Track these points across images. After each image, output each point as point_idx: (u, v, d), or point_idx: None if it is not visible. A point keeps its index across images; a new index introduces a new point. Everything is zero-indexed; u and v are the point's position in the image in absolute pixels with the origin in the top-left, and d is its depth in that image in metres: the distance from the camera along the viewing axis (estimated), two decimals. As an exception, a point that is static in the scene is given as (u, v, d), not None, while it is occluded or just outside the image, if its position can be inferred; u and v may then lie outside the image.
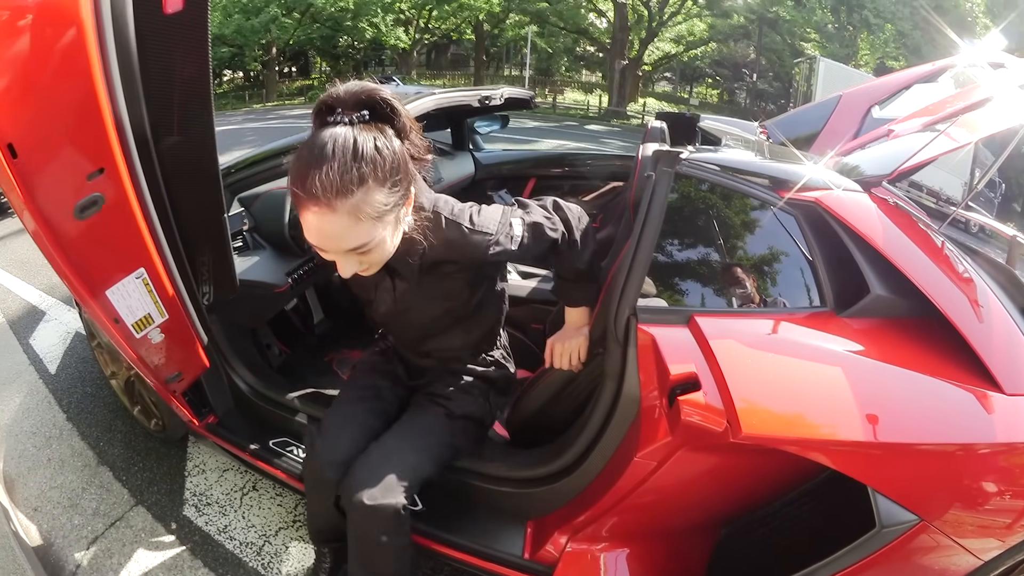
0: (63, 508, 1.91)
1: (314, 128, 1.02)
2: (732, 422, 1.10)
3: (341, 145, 0.95)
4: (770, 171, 1.44)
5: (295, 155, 1.00)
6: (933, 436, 1.11)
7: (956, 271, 1.31)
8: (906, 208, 1.56)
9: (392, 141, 1.02)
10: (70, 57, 1.03)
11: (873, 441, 1.09)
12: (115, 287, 1.23)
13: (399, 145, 1.03)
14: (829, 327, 1.23)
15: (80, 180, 1.10)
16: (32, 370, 2.70)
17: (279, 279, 1.86)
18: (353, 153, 0.95)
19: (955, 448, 1.11)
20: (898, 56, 17.16)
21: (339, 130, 0.97)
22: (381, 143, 0.99)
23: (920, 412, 1.13)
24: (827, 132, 2.08)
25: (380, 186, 0.98)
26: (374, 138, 0.98)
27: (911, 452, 1.11)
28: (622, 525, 1.42)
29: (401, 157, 1.02)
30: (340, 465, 1.30)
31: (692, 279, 1.39)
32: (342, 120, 0.98)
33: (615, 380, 1.29)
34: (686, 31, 23.81)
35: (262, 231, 1.94)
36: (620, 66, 22.22)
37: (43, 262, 3.89)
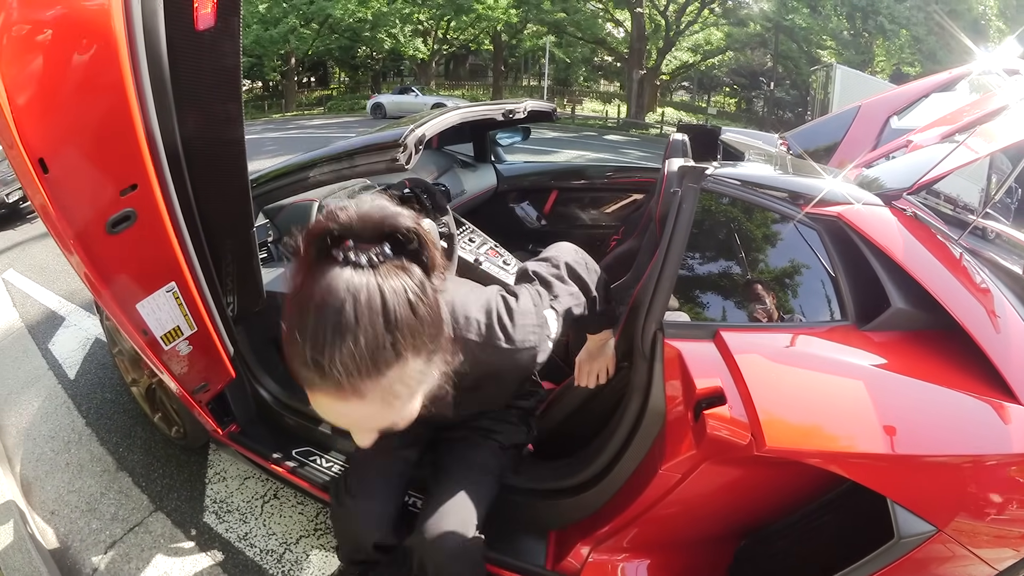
0: (81, 512, 1.93)
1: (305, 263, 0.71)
2: (756, 435, 1.11)
3: (365, 306, 0.66)
4: (793, 186, 1.45)
5: (292, 311, 0.70)
6: (950, 447, 1.12)
7: (974, 283, 1.31)
8: (925, 219, 1.57)
9: (425, 286, 0.73)
10: (103, 72, 1.04)
11: (892, 453, 1.10)
12: (145, 300, 1.24)
13: (431, 289, 0.74)
14: (850, 341, 1.24)
15: (113, 195, 1.11)
16: (51, 375, 2.73)
17: None
18: (384, 318, 0.67)
19: (972, 459, 1.11)
20: (914, 62, 17.21)
21: (357, 280, 0.67)
22: (414, 295, 0.70)
23: (938, 424, 1.14)
24: (847, 143, 2.08)
25: (417, 355, 0.73)
26: (405, 289, 0.70)
27: (929, 463, 1.11)
28: (644, 536, 1.42)
29: (436, 306, 0.75)
30: (378, 521, 1.30)
31: (716, 294, 1.40)
32: (357, 260, 0.68)
33: (641, 394, 1.30)
34: (703, 40, 23.85)
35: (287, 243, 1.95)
36: (638, 76, 22.29)
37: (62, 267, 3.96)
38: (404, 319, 0.68)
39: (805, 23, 18.89)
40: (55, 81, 1.02)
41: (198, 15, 1.13)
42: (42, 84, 1.01)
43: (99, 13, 1.01)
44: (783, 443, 1.10)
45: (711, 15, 22.24)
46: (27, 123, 1.00)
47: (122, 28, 1.03)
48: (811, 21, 18.84)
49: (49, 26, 1.00)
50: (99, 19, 1.01)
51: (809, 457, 1.12)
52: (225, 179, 1.30)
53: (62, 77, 1.02)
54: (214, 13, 1.14)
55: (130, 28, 1.04)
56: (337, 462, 1.74)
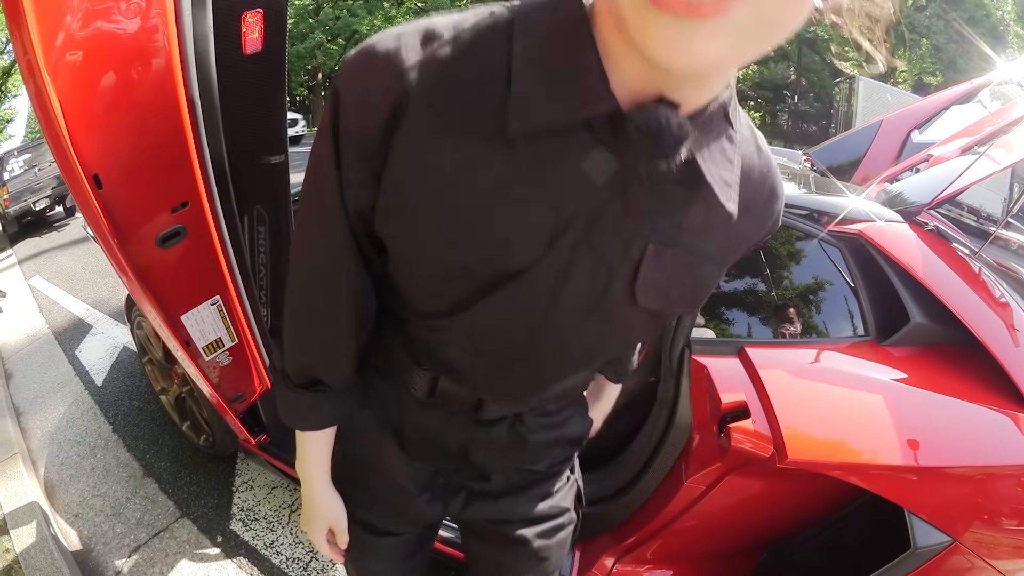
0: (105, 516, 1.97)
1: None
2: (779, 448, 1.14)
3: None
4: (815, 204, 1.48)
5: None
6: (967, 459, 1.15)
7: (993, 297, 1.35)
8: (947, 232, 1.60)
9: None
10: (157, 94, 1.10)
11: (911, 465, 1.13)
12: (190, 312, 1.29)
13: None
14: (871, 356, 1.29)
15: (164, 212, 1.17)
16: (78, 381, 2.79)
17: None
18: None
19: (989, 470, 1.15)
20: (935, 71, 17.34)
21: None
22: None
23: (955, 435, 1.18)
24: (870, 158, 2.13)
25: None
26: None
27: (946, 475, 1.15)
28: (667, 548, 1.45)
29: None
30: None
31: (741, 310, 1.44)
32: None
33: (668, 408, 1.33)
34: None
35: None
36: None
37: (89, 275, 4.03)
38: None
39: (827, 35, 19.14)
40: (110, 100, 1.08)
41: (246, 40, 1.19)
42: (97, 103, 1.07)
43: (154, 36, 1.07)
44: (804, 456, 1.14)
45: None
46: (82, 140, 1.05)
47: (176, 51, 1.08)
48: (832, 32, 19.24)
49: (104, 47, 1.05)
50: (154, 42, 1.07)
51: (830, 469, 1.16)
52: (270, 195, 1.36)
53: (117, 97, 1.08)
54: (261, 39, 1.20)
55: (183, 51, 1.10)
56: None
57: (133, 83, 1.08)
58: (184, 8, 1.09)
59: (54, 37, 0.98)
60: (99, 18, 1.02)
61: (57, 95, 1.00)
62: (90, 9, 1.01)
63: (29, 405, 2.63)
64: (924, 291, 1.29)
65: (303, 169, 0.61)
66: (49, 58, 0.98)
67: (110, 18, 1.04)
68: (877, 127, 2.25)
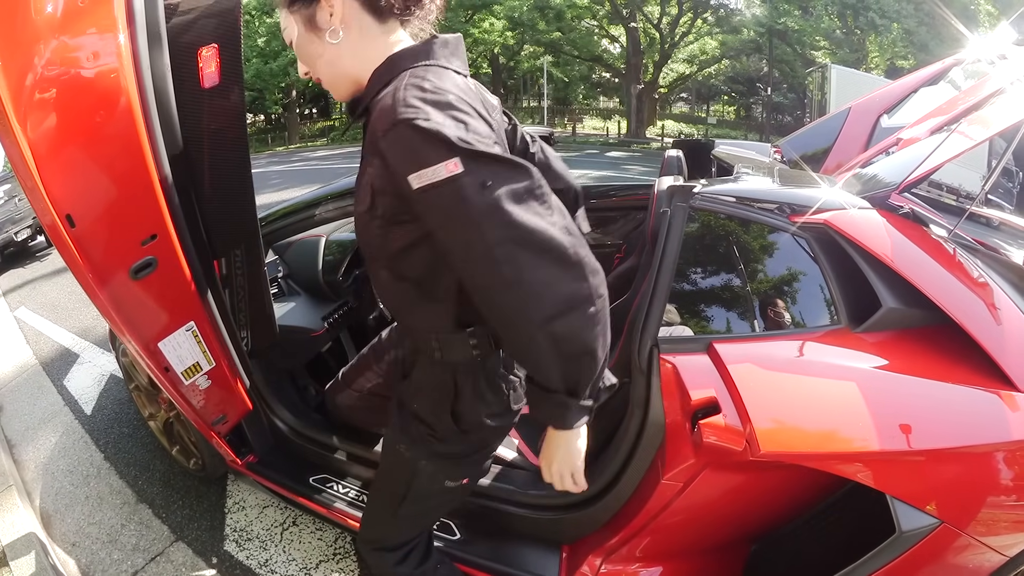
0: (102, 543, 2.08)
1: None
2: (751, 441, 1.22)
3: None
4: (781, 197, 1.55)
5: None
6: (949, 440, 1.21)
7: (967, 276, 1.41)
8: (922, 215, 1.66)
9: None
10: (120, 132, 1.20)
11: (888, 450, 1.19)
12: (167, 339, 1.40)
13: None
14: (844, 343, 1.35)
15: (135, 245, 1.27)
16: (67, 411, 2.91)
17: (315, 323, 2.03)
18: None
19: (972, 450, 1.20)
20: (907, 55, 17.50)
21: None
22: None
23: (934, 418, 1.24)
24: (839, 146, 2.19)
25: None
26: None
27: (927, 457, 1.21)
28: (654, 545, 1.53)
29: None
30: None
31: (711, 306, 1.52)
32: None
33: (641, 408, 1.41)
34: (698, 50, 24.67)
35: (296, 278, 2.12)
36: (636, 90, 22.91)
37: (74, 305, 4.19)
38: None
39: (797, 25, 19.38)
40: (76, 142, 1.17)
41: (203, 74, 1.30)
42: (65, 146, 1.16)
43: (113, 77, 1.16)
44: (777, 447, 1.21)
45: (704, 25, 22.97)
46: (54, 183, 1.15)
47: (135, 90, 1.18)
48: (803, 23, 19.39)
49: (68, 92, 1.15)
50: (115, 84, 1.17)
51: (804, 460, 1.23)
52: (236, 224, 1.47)
53: (82, 138, 1.18)
54: (218, 72, 1.30)
55: (142, 90, 1.20)
56: (353, 487, 1.87)
57: (98, 125, 1.18)
58: (141, 50, 1.19)
59: (22, 86, 1.08)
60: (64, 65, 1.12)
61: (27, 142, 1.10)
62: (55, 57, 1.11)
63: (21, 437, 2.76)
64: (894, 276, 1.34)
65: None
66: (18, 107, 1.07)
67: (74, 64, 1.13)
68: (846, 114, 2.32)
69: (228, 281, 1.53)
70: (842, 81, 12.77)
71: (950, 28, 14.70)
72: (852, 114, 2.31)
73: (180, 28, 1.27)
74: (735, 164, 1.95)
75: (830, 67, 13.87)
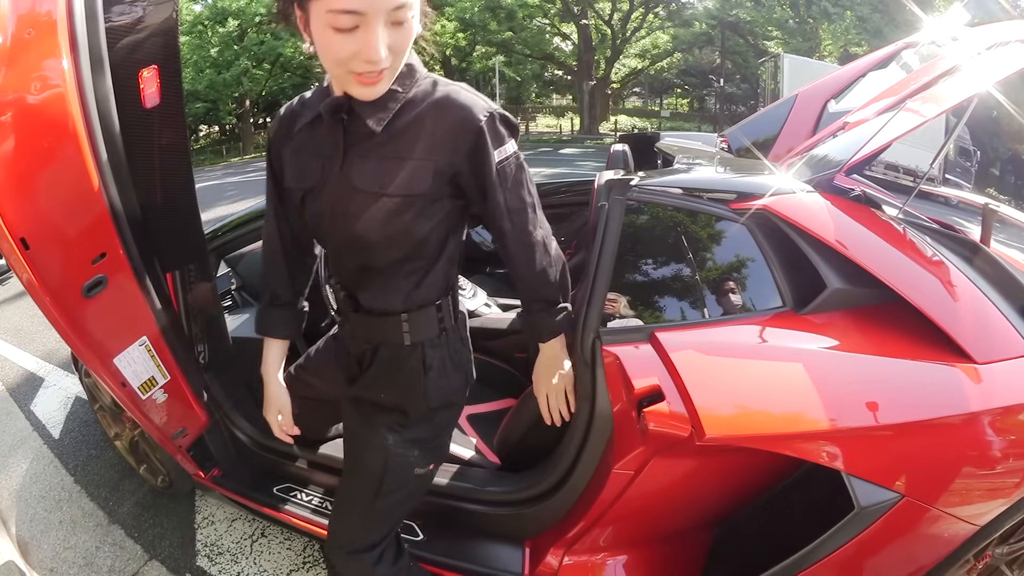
0: (79, 567, 2.09)
1: None
2: (696, 427, 1.24)
3: None
4: (720, 185, 1.60)
5: None
6: (902, 415, 1.24)
7: (916, 252, 1.44)
8: (874, 195, 1.68)
9: None
10: (66, 154, 1.25)
11: (839, 428, 1.22)
12: (121, 355, 1.44)
13: None
14: (790, 325, 1.39)
15: (85, 264, 1.31)
16: (36, 436, 2.91)
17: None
18: None
19: (930, 423, 1.23)
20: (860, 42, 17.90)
21: None
22: None
23: (885, 393, 1.26)
24: (786, 132, 2.21)
25: None
26: None
27: (881, 432, 1.24)
28: (616, 534, 1.58)
29: None
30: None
31: (655, 296, 1.56)
32: None
33: (588, 400, 1.44)
34: (650, 45, 25.24)
35: (249, 289, 2.16)
36: (588, 87, 23.54)
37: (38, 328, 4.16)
38: None
39: (749, 16, 20.04)
40: (27, 167, 1.22)
41: (144, 95, 1.35)
42: (16, 170, 1.20)
43: (57, 101, 1.21)
44: (723, 431, 1.24)
45: (656, 19, 23.53)
46: (7, 208, 1.19)
47: (78, 114, 1.23)
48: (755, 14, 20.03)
49: (19, 119, 1.19)
50: (60, 108, 1.21)
51: (753, 442, 1.26)
52: (182, 237, 1.52)
53: (32, 163, 1.22)
54: (159, 92, 1.36)
55: (86, 112, 1.25)
56: (316, 494, 1.91)
57: (47, 150, 1.23)
58: (85, 75, 1.24)
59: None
60: (14, 92, 1.17)
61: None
62: (5, 85, 1.15)
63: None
64: (838, 256, 1.37)
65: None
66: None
67: (24, 91, 1.18)
68: (792, 101, 2.34)
69: (179, 295, 1.58)
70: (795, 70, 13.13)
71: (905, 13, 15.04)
72: (799, 100, 2.34)
73: (121, 51, 1.32)
74: (676, 155, 2.00)
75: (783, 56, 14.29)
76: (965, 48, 1.79)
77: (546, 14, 23.85)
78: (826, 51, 19.60)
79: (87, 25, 1.24)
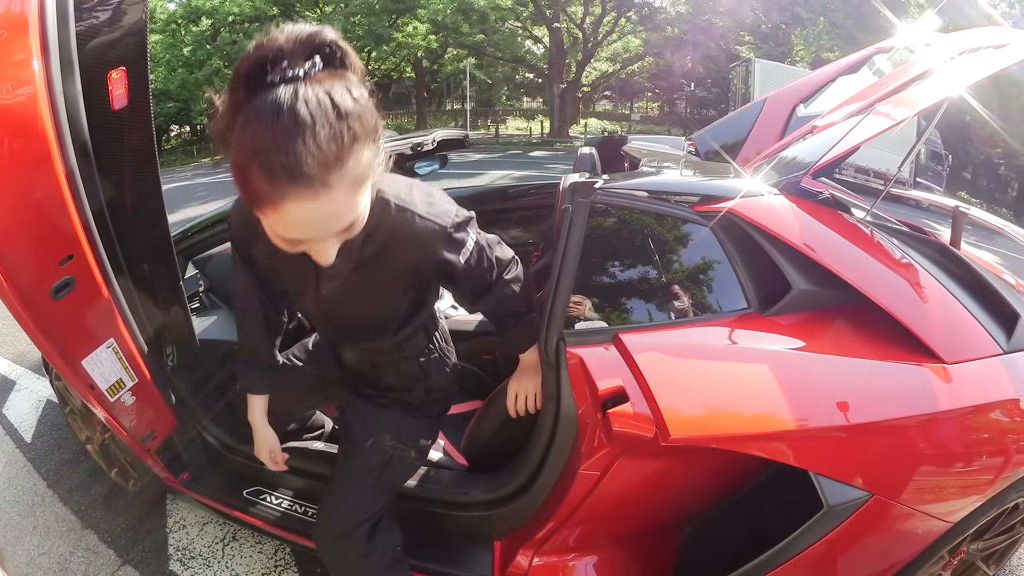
0: (53, 574, 2.08)
1: (245, 95, 0.83)
2: (660, 428, 1.26)
3: (316, 105, 0.80)
4: (684, 188, 1.63)
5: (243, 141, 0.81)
6: (867, 415, 1.27)
7: (883, 255, 1.47)
8: (842, 198, 1.71)
9: (361, 88, 0.88)
10: (34, 158, 1.25)
11: (805, 428, 1.25)
12: (89, 357, 1.45)
13: (366, 92, 0.90)
14: (754, 327, 1.41)
15: (53, 266, 1.32)
16: (8, 440, 2.88)
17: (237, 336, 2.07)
18: (335, 111, 0.81)
19: (898, 422, 1.26)
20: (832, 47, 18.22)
21: (301, 89, 0.80)
22: (354, 89, 0.86)
23: (851, 393, 1.29)
24: (753, 137, 2.23)
25: (366, 142, 0.87)
26: (344, 87, 0.85)
27: (848, 432, 1.26)
28: (584, 534, 1.59)
29: (368, 99, 0.89)
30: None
31: (619, 298, 1.58)
32: (296, 75, 0.81)
33: (553, 401, 1.46)
34: (621, 48, 25.73)
35: (217, 291, 2.17)
36: (559, 90, 23.76)
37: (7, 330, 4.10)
38: (351, 109, 0.83)
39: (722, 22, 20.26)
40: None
41: (113, 97, 1.36)
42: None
43: (27, 104, 1.22)
44: (687, 432, 1.26)
45: (627, 23, 23.78)
46: None
47: (47, 115, 1.24)
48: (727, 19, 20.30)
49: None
50: (27, 109, 1.22)
51: (718, 443, 1.28)
52: (149, 239, 1.53)
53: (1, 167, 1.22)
54: (127, 93, 1.37)
55: (55, 115, 1.26)
56: (286, 498, 1.92)
57: (15, 152, 1.23)
58: (54, 77, 1.25)
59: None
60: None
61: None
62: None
63: (-36, 470, 2.73)
64: (803, 258, 1.40)
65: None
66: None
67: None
68: (761, 105, 2.36)
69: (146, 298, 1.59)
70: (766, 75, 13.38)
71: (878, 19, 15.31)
72: (767, 105, 2.36)
73: (90, 53, 1.33)
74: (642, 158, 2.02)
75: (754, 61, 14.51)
76: (937, 53, 1.83)
77: (518, 17, 24.03)
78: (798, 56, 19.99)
79: (58, 26, 1.25)
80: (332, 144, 0.80)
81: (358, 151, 0.85)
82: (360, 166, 0.87)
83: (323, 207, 0.84)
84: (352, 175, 0.86)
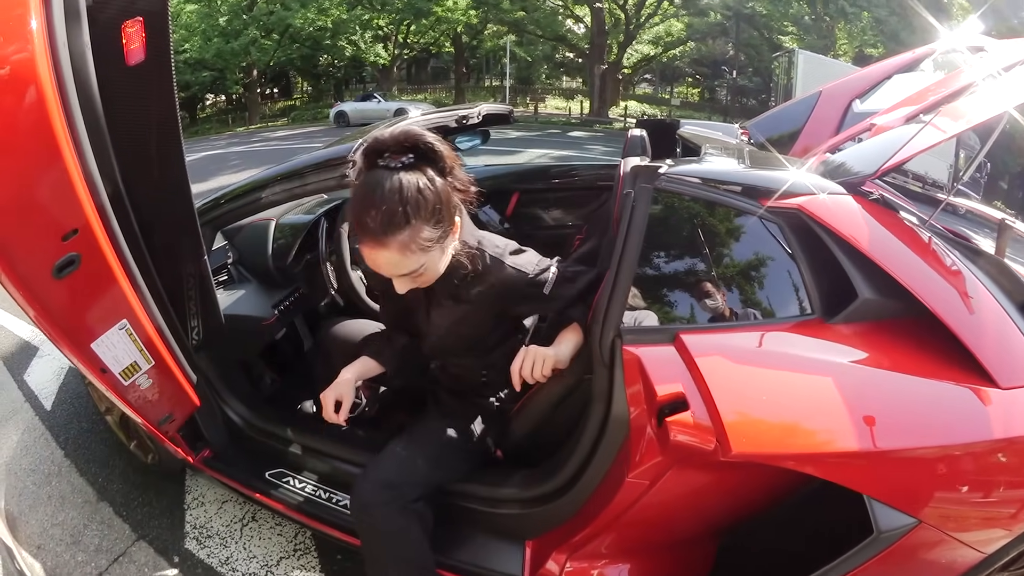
0: (66, 545, 2.02)
1: (364, 168, 1.23)
2: (722, 441, 1.16)
3: (387, 189, 1.15)
4: (752, 180, 1.49)
5: (353, 194, 1.23)
6: (927, 439, 1.18)
7: (944, 267, 1.37)
8: (894, 201, 1.62)
9: (435, 181, 1.20)
10: (32, 120, 1.09)
11: (866, 450, 1.15)
12: (99, 340, 1.32)
13: (441, 183, 1.22)
14: (818, 335, 1.30)
15: (55, 241, 1.17)
16: (28, 407, 2.83)
17: (266, 311, 1.96)
18: (399, 196, 1.15)
19: (950, 449, 1.17)
20: (876, 44, 18.19)
21: (386, 175, 1.17)
22: (423, 184, 1.18)
23: (912, 416, 1.20)
24: (809, 129, 2.17)
25: (425, 223, 1.19)
26: (417, 180, 1.18)
27: (905, 457, 1.17)
28: (621, 541, 1.50)
29: (444, 194, 1.22)
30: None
31: (677, 294, 1.46)
32: (389, 164, 1.18)
33: (603, 402, 1.36)
34: (663, 32, 25.25)
35: (246, 263, 2.04)
36: (599, 71, 23.60)
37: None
38: (413, 197, 1.16)
39: (766, 10, 20.21)
40: None
41: (128, 51, 1.20)
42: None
43: (26, 62, 1.06)
44: (750, 448, 1.16)
45: (671, 6, 23.51)
46: None
47: (48, 75, 1.08)
48: (771, 8, 20.28)
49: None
50: (26, 68, 1.06)
51: (778, 460, 1.18)
52: (170, 210, 1.38)
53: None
54: (143, 47, 1.21)
55: (59, 73, 1.10)
56: (310, 482, 1.83)
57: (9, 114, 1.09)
58: (57, 27, 1.10)
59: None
60: None
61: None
62: None
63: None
64: (871, 264, 1.29)
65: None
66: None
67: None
68: (816, 98, 2.31)
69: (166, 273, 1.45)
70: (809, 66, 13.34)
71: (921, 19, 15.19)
72: (823, 98, 2.31)
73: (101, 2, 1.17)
74: (702, 144, 1.88)
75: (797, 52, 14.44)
76: (992, 62, 1.76)
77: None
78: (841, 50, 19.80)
79: None
80: (389, 219, 1.16)
81: (412, 228, 1.18)
82: (415, 239, 1.19)
83: (380, 256, 1.21)
84: (406, 243, 1.19)
